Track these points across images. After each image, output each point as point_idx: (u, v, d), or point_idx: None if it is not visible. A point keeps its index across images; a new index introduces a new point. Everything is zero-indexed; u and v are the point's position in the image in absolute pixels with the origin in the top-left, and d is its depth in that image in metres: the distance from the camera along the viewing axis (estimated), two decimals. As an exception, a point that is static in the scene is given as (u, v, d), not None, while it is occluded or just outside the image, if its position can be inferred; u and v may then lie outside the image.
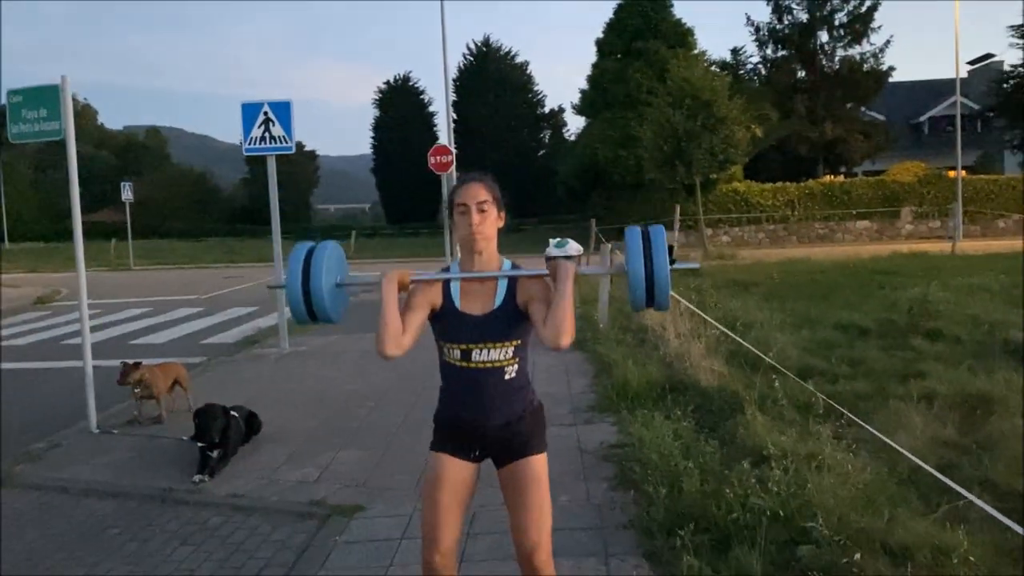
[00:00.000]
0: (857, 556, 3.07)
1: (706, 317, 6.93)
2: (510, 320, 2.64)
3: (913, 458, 3.85)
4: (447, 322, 2.68)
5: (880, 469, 4.23)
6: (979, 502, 3.27)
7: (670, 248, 2.58)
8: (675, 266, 2.61)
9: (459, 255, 2.77)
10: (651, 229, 2.62)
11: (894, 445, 4.07)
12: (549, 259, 2.73)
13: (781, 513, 3.53)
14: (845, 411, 4.69)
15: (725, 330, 6.68)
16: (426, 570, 2.72)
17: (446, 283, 2.71)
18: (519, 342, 2.67)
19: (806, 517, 3.52)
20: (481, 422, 2.67)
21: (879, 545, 3.30)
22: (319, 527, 4.31)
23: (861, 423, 4.54)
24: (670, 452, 4.52)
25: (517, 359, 2.68)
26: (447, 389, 2.76)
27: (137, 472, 5.38)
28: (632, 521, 4.05)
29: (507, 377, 2.66)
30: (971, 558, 3.08)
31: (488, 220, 2.65)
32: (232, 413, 5.55)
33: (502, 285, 2.67)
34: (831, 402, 4.95)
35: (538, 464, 2.71)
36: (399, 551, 3.93)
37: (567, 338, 2.48)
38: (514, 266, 2.72)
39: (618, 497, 4.44)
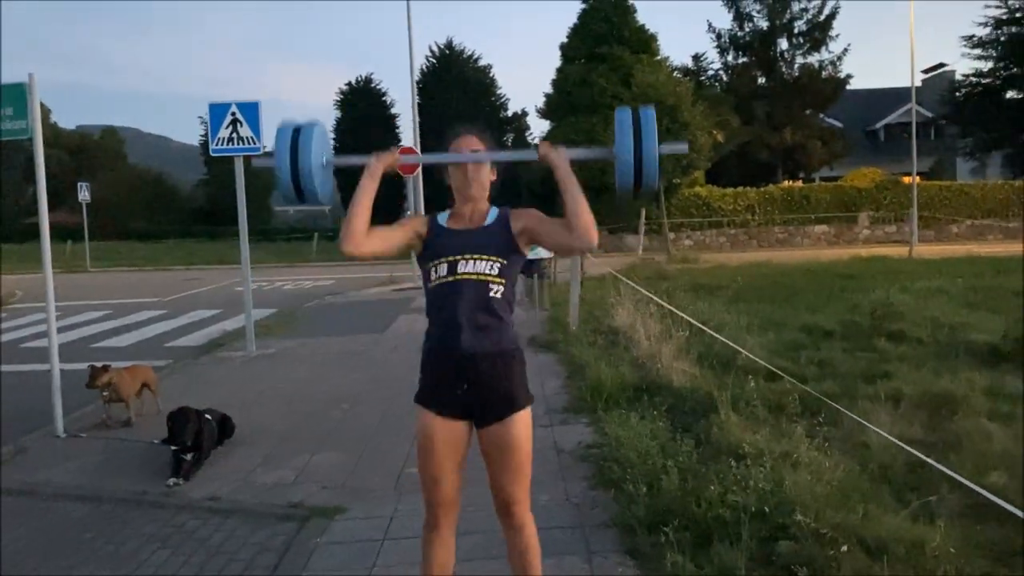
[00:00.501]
0: (844, 548, 3.14)
1: (685, 316, 7.04)
2: (499, 238, 2.70)
3: (912, 450, 3.95)
4: (434, 241, 2.72)
5: (852, 466, 4.33)
6: (983, 490, 3.37)
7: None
8: (663, 148, 2.62)
9: (452, 207, 2.84)
10: (642, 110, 2.63)
11: (892, 439, 4.17)
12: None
13: (765, 509, 3.60)
14: (840, 407, 4.78)
15: (708, 330, 6.78)
16: (428, 522, 2.80)
17: (433, 216, 2.80)
18: (505, 262, 2.69)
19: (785, 513, 3.59)
20: (468, 349, 2.63)
21: (855, 539, 3.38)
22: (299, 529, 4.29)
23: (861, 420, 4.64)
24: (648, 451, 4.57)
25: (503, 280, 2.68)
26: (433, 315, 2.74)
27: (109, 475, 5.31)
28: (613, 519, 4.09)
29: (492, 294, 2.66)
30: (951, 549, 3.17)
31: (482, 170, 2.76)
32: (205, 416, 5.50)
33: (492, 212, 2.76)
34: (824, 399, 5.05)
35: (521, 424, 2.72)
36: (381, 552, 3.93)
37: (594, 232, 2.56)
38: (503, 212, 2.79)
39: (598, 496, 4.49)
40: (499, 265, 2.67)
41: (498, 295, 2.67)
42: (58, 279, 7.65)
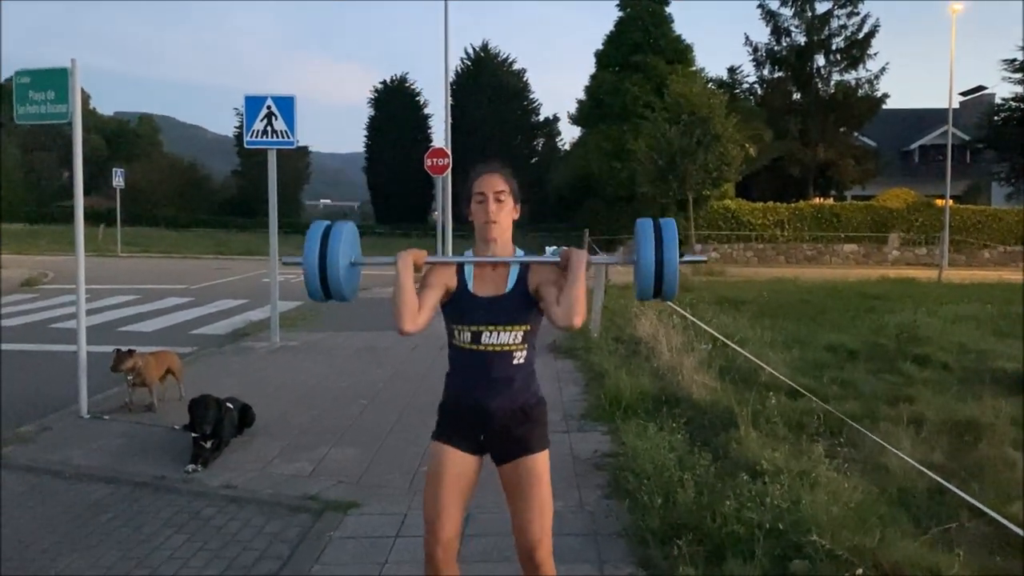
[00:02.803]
0: (859, 571, 3.12)
1: (709, 329, 7.00)
2: (521, 304, 2.68)
3: (933, 475, 3.90)
4: (459, 304, 2.71)
5: (871, 489, 4.29)
6: (1005, 520, 3.33)
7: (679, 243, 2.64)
8: (683, 259, 2.65)
9: (475, 244, 2.81)
10: (662, 221, 2.67)
11: (913, 463, 4.12)
12: None
13: (781, 527, 3.57)
14: (861, 428, 4.73)
15: (732, 344, 6.74)
16: (428, 560, 2.75)
17: (460, 266, 2.75)
18: (528, 328, 2.70)
19: (800, 532, 3.56)
20: (486, 406, 2.68)
21: (871, 563, 3.35)
22: (313, 521, 4.32)
23: (882, 443, 4.60)
24: (664, 463, 4.56)
25: (526, 345, 2.71)
26: (454, 373, 2.78)
27: (129, 458, 5.37)
28: (626, 529, 4.09)
29: (515, 362, 2.70)
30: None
31: (504, 210, 2.71)
32: (227, 405, 5.55)
33: (514, 271, 2.72)
34: (846, 419, 5.00)
35: (540, 462, 2.74)
36: (394, 549, 3.94)
37: (579, 318, 2.54)
38: (523, 269, 2.76)
39: (611, 505, 4.48)
40: (522, 333, 2.69)
41: (521, 360, 2.71)
42: (89, 262, 7.77)
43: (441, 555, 2.70)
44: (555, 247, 10.79)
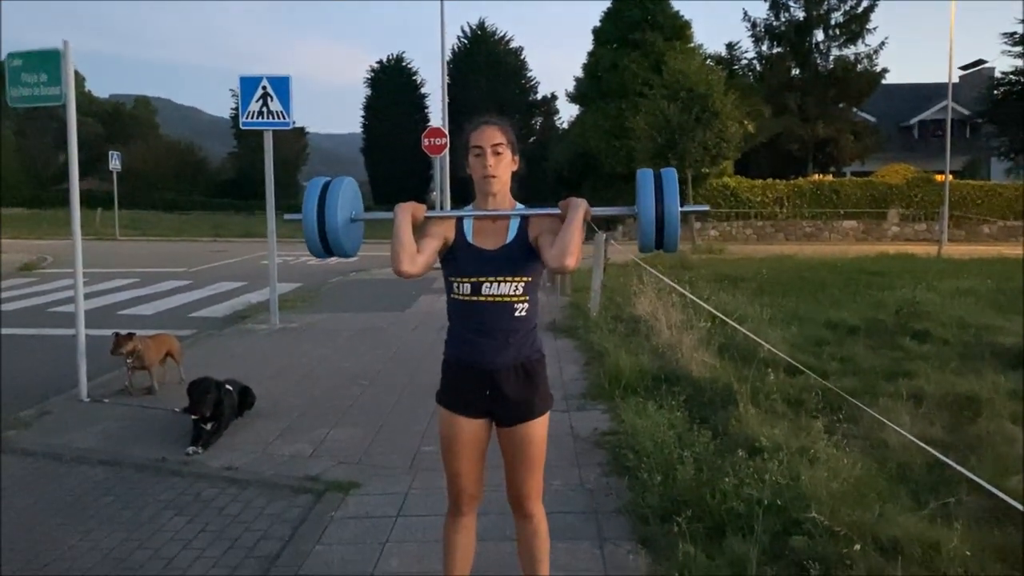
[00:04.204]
0: (858, 547, 3.13)
1: (707, 307, 6.98)
2: (521, 255, 2.66)
3: (931, 451, 3.91)
4: (458, 256, 2.69)
5: (870, 465, 4.30)
6: (1002, 494, 3.34)
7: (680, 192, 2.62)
8: (684, 208, 2.64)
9: (474, 198, 2.79)
10: (663, 172, 2.65)
11: (912, 439, 4.13)
12: None
13: (780, 504, 3.59)
14: (860, 404, 4.73)
15: (730, 321, 6.74)
16: (452, 508, 2.86)
17: (459, 220, 2.73)
18: (529, 279, 2.68)
19: (799, 509, 3.57)
20: (489, 365, 2.66)
21: (870, 538, 3.36)
22: (314, 502, 4.33)
23: (881, 418, 4.61)
24: (664, 441, 4.56)
25: (527, 297, 2.69)
26: (455, 328, 2.75)
27: (130, 441, 5.38)
28: (626, 507, 4.10)
29: (517, 314, 2.67)
30: (967, 552, 3.14)
31: (503, 162, 2.68)
32: (226, 387, 5.55)
33: (514, 223, 2.70)
34: (844, 395, 4.99)
35: (540, 427, 2.76)
36: (395, 528, 3.96)
37: (572, 259, 2.51)
38: (523, 221, 2.74)
39: (611, 483, 4.49)
40: (523, 284, 2.67)
41: (523, 312, 2.69)
42: (87, 246, 7.75)
43: (466, 502, 2.83)
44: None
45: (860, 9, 35.93)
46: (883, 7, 42.86)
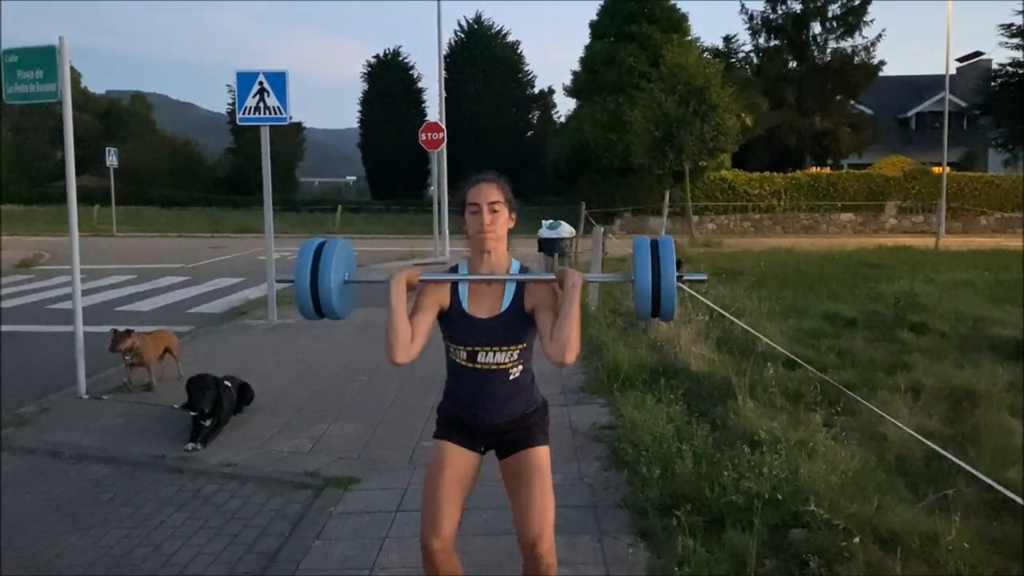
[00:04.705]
0: (856, 539, 3.14)
1: (705, 301, 6.99)
2: (516, 323, 2.66)
3: (929, 443, 3.92)
4: (454, 324, 2.69)
5: (869, 457, 4.31)
6: (1000, 486, 3.34)
7: (678, 262, 2.61)
8: (683, 277, 2.63)
9: (469, 254, 2.78)
10: (660, 240, 2.64)
11: (908, 431, 4.14)
12: (543, 240, 2.76)
13: (779, 497, 3.59)
14: (858, 397, 4.73)
15: (728, 315, 6.74)
16: (425, 554, 2.72)
17: (454, 283, 2.71)
18: (524, 345, 2.71)
19: (798, 502, 3.58)
20: (484, 420, 2.72)
21: (869, 531, 3.37)
22: (314, 498, 4.34)
23: (879, 411, 4.61)
24: (663, 434, 4.57)
25: (522, 361, 2.72)
26: (452, 386, 2.79)
27: (129, 438, 5.38)
28: (625, 500, 4.11)
29: (511, 378, 2.71)
30: (965, 544, 3.15)
31: (499, 220, 2.67)
32: (225, 383, 5.55)
33: (510, 288, 2.68)
34: (843, 388, 5.00)
35: (540, 455, 2.76)
36: (395, 523, 3.97)
37: (572, 354, 2.51)
38: (522, 268, 2.74)
39: (611, 477, 4.50)
40: (518, 351, 2.68)
41: (517, 375, 2.71)
42: (85, 242, 7.74)
43: (439, 548, 2.67)
44: (551, 220, 10.86)
45: (857, 1, 35.83)
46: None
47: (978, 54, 43.12)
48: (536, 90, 59.29)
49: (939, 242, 20.83)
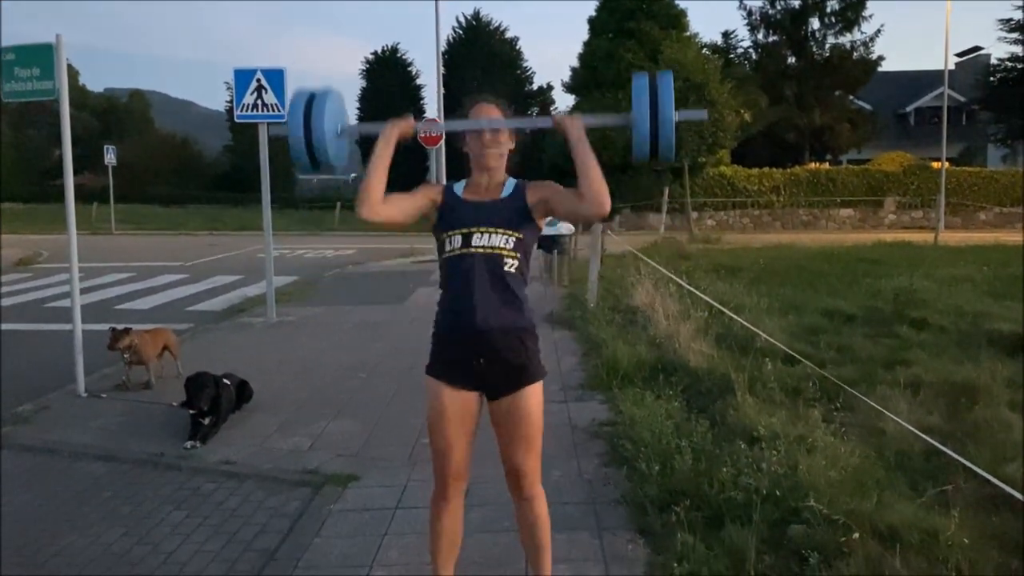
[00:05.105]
0: (856, 535, 3.13)
1: (705, 297, 6.99)
2: (514, 212, 2.67)
3: (928, 439, 3.92)
4: (449, 210, 2.69)
5: (868, 453, 4.30)
6: (999, 482, 3.34)
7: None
8: (680, 114, 2.59)
9: (469, 173, 2.81)
10: (659, 75, 2.60)
11: (907, 426, 4.13)
12: (542, 237, 2.78)
13: (778, 493, 3.59)
14: (857, 393, 4.73)
15: (728, 311, 6.74)
16: (437, 491, 2.80)
17: (448, 187, 2.74)
18: (521, 236, 2.66)
19: (798, 497, 3.58)
20: (478, 319, 2.60)
21: (868, 526, 3.36)
22: (313, 495, 4.33)
23: (878, 407, 4.61)
24: (662, 431, 4.57)
25: (518, 254, 2.66)
26: (445, 292, 2.72)
27: (128, 436, 5.38)
28: (624, 497, 4.10)
29: (507, 268, 2.64)
30: (965, 540, 3.14)
31: (500, 139, 2.71)
32: (224, 381, 5.54)
33: (509, 183, 2.73)
34: (842, 384, 4.99)
35: (533, 396, 2.72)
36: (394, 520, 3.96)
37: (607, 199, 2.54)
38: (519, 185, 2.75)
39: (610, 473, 4.49)
40: (514, 239, 2.64)
41: (512, 269, 2.65)
42: (83, 240, 7.73)
43: (452, 483, 2.76)
44: (550, 218, 10.75)
45: (856, -4, 35.86)
46: (879, -6, 43.21)
47: (977, 49, 43.10)
48: (535, 87, 59.24)
49: (938, 237, 20.83)
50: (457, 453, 2.74)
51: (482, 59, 54.69)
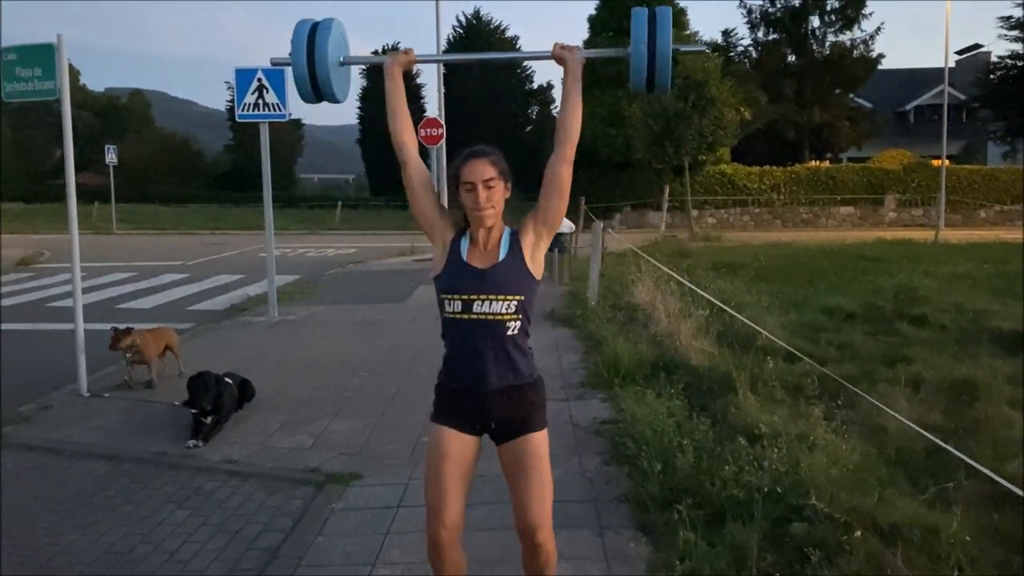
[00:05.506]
0: (856, 533, 3.14)
1: (706, 295, 6.99)
2: (514, 274, 2.64)
3: (930, 436, 3.92)
4: (451, 269, 2.67)
5: (869, 450, 4.31)
6: (1000, 479, 3.35)
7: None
8: (678, 46, 2.62)
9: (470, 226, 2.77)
10: (658, 9, 2.62)
11: (908, 424, 4.14)
12: None
13: (779, 491, 3.59)
14: (858, 391, 4.73)
15: (728, 309, 6.74)
16: (431, 543, 2.70)
17: (457, 235, 2.71)
18: (522, 298, 2.64)
19: (799, 495, 3.58)
20: (481, 384, 2.62)
21: (870, 524, 3.37)
22: (315, 494, 4.34)
23: (879, 404, 4.61)
24: (663, 429, 4.57)
25: (519, 316, 2.64)
26: (449, 351, 2.72)
27: (130, 435, 5.39)
28: (626, 495, 4.11)
29: (509, 332, 2.63)
30: (967, 538, 3.15)
31: (495, 196, 2.65)
32: (225, 380, 5.55)
33: (505, 241, 2.68)
34: (843, 381, 4.99)
35: (539, 441, 2.71)
36: (396, 519, 3.97)
37: (577, 130, 2.72)
38: (513, 234, 2.71)
39: (611, 471, 4.50)
40: (515, 303, 2.63)
41: (515, 331, 2.65)
42: (84, 240, 7.74)
43: (446, 538, 2.66)
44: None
45: (856, -6, 35.82)
46: (879, -8, 43.21)
47: (977, 47, 43.06)
48: (535, 85, 59.24)
49: (938, 235, 20.82)
50: (453, 497, 2.66)
51: (482, 58, 54.68)
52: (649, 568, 3.39)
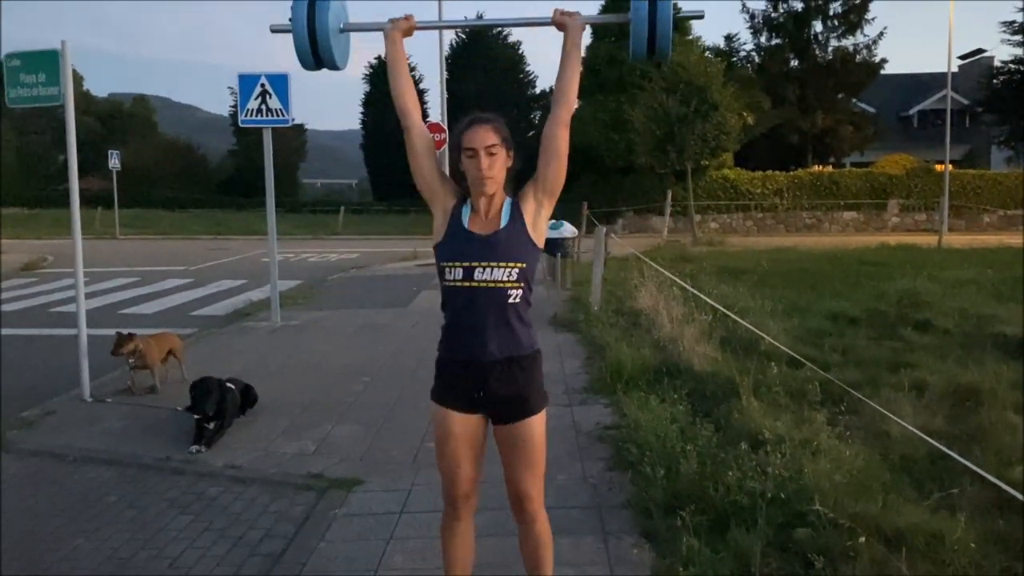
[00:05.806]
0: (861, 539, 3.13)
1: (709, 300, 6.97)
2: (516, 241, 2.63)
3: (933, 442, 3.91)
4: (451, 238, 2.65)
5: (873, 456, 4.30)
6: (1005, 485, 3.33)
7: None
8: (679, 13, 2.64)
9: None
10: None
11: (912, 429, 4.13)
12: (545, 240, 2.77)
13: (783, 496, 3.59)
14: (862, 396, 4.71)
15: (731, 314, 6.73)
16: (448, 505, 2.80)
17: (458, 203, 2.70)
18: (524, 266, 2.62)
19: (803, 501, 3.57)
20: (482, 353, 2.60)
21: (874, 530, 3.36)
22: (318, 500, 4.33)
23: (883, 410, 4.60)
24: (667, 434, 4.56)
25: (521, 284, 2.62)
26: (447, 321, 2.70)
27: (133, 441, 5.39)
28: (629, 501, 4.10)
29: (511, 301, 2.61)
30: (971, 544, 3.14)
31: (497, 164, 2.64)
32: (228, 385, 5.55)
33: (506, 210, 2.67)
34: (846, 387, 4.97)
35: (537, 426, 2.71)
36: (398, 524, 3.96)
37: (575, 92, 2.75)
38: (515, 202, 2.71)
39: (615, 477, 4.49)
40: (517, 270, 2.61)
41: (516, 300, 2.62)
42: (87, 245, 7.75)
43: (462, 503, 2.77)
44: (553, 220, 10.84)
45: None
46: (881, -3, 43.26)
47: (980, 51, 43.05)
48: (537, 90, 59.30)
49: (942, 240, 20.79)
50: (464, 475, 2.72)
51: (485, 63, 54.76)
52: (652, 574, 3.39)
